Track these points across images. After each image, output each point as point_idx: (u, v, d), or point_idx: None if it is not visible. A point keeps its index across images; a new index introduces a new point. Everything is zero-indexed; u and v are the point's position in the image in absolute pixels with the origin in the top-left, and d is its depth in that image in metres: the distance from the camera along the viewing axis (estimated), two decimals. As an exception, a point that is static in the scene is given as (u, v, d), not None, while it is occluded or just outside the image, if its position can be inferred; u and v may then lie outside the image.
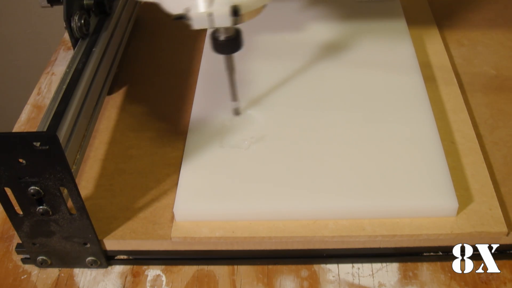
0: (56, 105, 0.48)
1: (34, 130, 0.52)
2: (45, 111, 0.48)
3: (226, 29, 0.48)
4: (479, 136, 0.55)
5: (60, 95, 0.49)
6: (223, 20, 0.45)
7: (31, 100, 0.68)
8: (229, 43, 0.49)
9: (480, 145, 0.54)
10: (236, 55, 0.51)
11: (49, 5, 0.58)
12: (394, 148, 0.52)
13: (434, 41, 0.67)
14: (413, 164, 0.50)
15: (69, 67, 0.53)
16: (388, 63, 0.61)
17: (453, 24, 0.71)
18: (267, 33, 0.66)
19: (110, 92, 0.63)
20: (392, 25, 0.67)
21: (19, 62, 1.16)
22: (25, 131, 0.63)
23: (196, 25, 0.45)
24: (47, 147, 0.40)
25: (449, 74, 0.62)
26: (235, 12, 0.44)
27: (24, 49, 1.13)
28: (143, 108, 0.61)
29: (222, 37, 0.49)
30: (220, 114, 0.57)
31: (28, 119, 0.65)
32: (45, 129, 0.46)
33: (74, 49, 0.56)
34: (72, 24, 0.55)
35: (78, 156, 0.50)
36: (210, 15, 0.44)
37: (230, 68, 0.53)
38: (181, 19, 0.45)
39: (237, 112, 0.56)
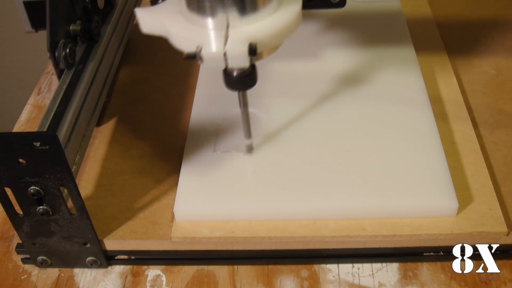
0: (56, 105, 0.48)
1: (34, 130, 0.52)
2: (45, 111, 0.48)
3: None
4: (479, 136, 0.55)
5: (60, 95, 0.49)
6: (239, 60, 0.40)
7: (31, 100, 0.68)
8: (243, 80, 0.44)
9: (480, 145, 0.54)
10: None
11: (33, 30, 0.54)
12: (394, 148, 0.52)
13: (434, 41, 0.67)
14: (413, 164, 0.50)
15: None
16: (388, 63, 0.61)
17: (453, 24, 0.71)
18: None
19: (108, 97, 0.63)
20: (392, 25, 0.67)
21: (19, 62, 1.16)
22: (25, 131, 0.63)
23: (208, 65, 0.40)
24: (47, 147, 0.40)
25: (449, 74, 0.62)
26: (253, 51, 0.40)
27: (24, 49, 1.13)
28: (143, 108, 0.61)
29: (235, 72, 0.44)
30: (218, 115, 0.56)
31: (28, 119, 0.65)
32: (45, 129, 0.46)
33: (59, 80, 0.51)
34: (56, 54, 0.50)
35: (78, 156, 0.50)
36: (224, 55, 0.40)
37: (244, 104, 0.48)
38: (192, 58, 0.40)
39: (250, 149, 0.52)
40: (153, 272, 0.49)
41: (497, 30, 0.69)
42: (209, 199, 0.49)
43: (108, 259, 0.50)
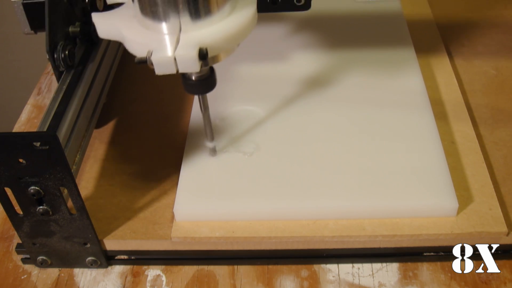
0: (56, 105, 0.48)
1: (34, 130, 0.52)
2: (45, 111, 0.48)
3: None
4: (479, 136, 0.55)
5: (60, 95, 0.49)
6: (189, 65, 0.39)
7: (31, 100, 0.68)
8: (201, 83, 0.45)
9: (480, 145, 0.54)
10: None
11: (32, 32, 0.54)
12: (394, 148, 0.52)
13: (434, 41, 0.67)
14: (413, 164, 0.50)
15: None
16: (389, 64, 0.61)
17: (453, 24, 0.71)
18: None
19: (107, 99, 0.63)
20: (392, 26, 0.67)
21: (19, 62, 1.16)
22: (25, 131, 0.63)
23: (159, 70, 0.40)
24: (47, 147, 0.40)
25: (449, 74, 0.62)
26: (203, 56, 0.39)
27: (24, 49, 1.13)
28: (143, 108, 0.61)
29: (193, 76, 0.44)
30: (218, 115, 0.56)
31: (28, 119, 0.65)
32: (45, 129, 0.46)
33: (58, 82, 0.51)
34: (55, 56, 0.50)
35: (78, 156, 0.50)
36: (174, 59, 0.39)
37: (204, 108, 0.48)
38: (143, 63, 0.40)
39: (213, 152, 0.52)
40: (153, 272, 0.49)
41: (497, 30, 0.69)
42: (209, 199, 0.49)
43: (108, 259, 0.50)
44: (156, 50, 0.40)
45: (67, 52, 0.51)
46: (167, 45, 0.40)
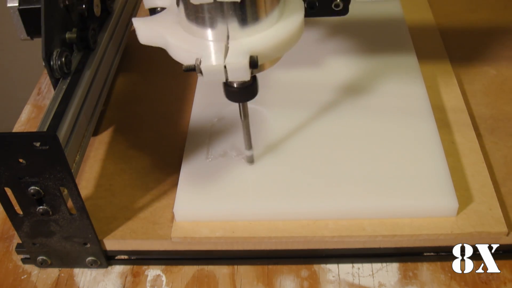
0: (56, 105, 0.48)
1: (34, 130, 0.52)
2: (45, 111, 0.48)
3: None
4: (479, 136, 0.55)
5: (60, 95, 0.49)
6: (240, 73, 0.38)
7: (31, 100, 0.68)
8: (244, 91, 0.43)
9: (480, 145, 0.54)
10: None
11: (29, 38, 0.53)
12: (394, 148, 0.52)
13: (434, 41, 0.67)
14: (413, 164, 0.50)
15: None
16: (389, 64, 0.61)
17: (453, 24, 0.71)
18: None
19: (107, 97, 0.63)
20: (392, 26, 0.67)
21: (19, 63, 1.16)
22: (25, 131, 0.63)
23: (208, 78, 0.39)
24: (47, 147, 0.40)
25: (449, 74, 0.62)
26: (254, 64, 0.38)
27: (24, 50, 1.13)
28: (143, 109, 0.61)
29: (235, 84, 0.42)
30: (215, 116, 0.56)
31: (28, 119, 0.65)
32: (45, 129, 0.46)
33: (54, 89, 0.50)
34: (51, 63, 0.49)
35: (78, 156, 0.50)
36: (224, 67, 0.38)
37: (244, 115, 0.47)
38: (192, 71, 0.39)
39: (250, 160, 0.51)
40: (153, 272, 0.49)
41: (497, 30, 0.69)
42: (209, 199, 0.49)
43: (108, 259, 0.50)
44: (205, 58, 0.39)
45: (63, 59, 0.49)
46: (216, 53, 0.39)
